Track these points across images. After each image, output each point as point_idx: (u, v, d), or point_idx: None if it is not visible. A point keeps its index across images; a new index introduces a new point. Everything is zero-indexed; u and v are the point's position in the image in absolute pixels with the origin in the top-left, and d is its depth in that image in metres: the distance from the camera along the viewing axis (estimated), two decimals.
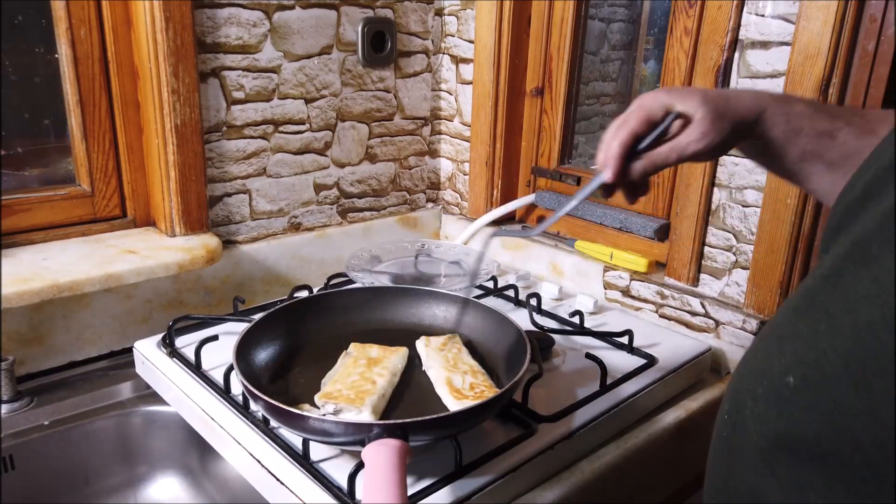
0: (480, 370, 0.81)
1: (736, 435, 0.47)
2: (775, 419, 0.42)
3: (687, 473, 0.98)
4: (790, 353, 0.43)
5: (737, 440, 0.46)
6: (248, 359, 0.80)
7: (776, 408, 0.43)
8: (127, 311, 1.06)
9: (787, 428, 0.41)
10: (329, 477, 0.70)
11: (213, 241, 1.08)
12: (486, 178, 1.33)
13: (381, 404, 0.75)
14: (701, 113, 0.65)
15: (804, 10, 0.86)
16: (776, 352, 0.45)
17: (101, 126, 1.05)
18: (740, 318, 0.99)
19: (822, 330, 0.40)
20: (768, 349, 0.46)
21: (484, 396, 0.74)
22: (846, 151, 0.64)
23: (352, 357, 0.81)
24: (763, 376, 0.45)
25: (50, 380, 1.01)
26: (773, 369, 0.44)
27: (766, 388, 0.44)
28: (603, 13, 1.29)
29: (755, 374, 0.46)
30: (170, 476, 1.01)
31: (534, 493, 0.75)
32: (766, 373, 0.45)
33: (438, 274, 1.21)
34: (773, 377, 0.44)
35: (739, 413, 0.46)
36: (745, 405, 0.46)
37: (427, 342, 0.87)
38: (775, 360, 0.44)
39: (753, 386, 0.45)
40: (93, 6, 1.00)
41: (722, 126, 0.64)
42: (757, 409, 0.44)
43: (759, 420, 0.44)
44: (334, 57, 1.21)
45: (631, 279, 1.12)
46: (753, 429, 0.44)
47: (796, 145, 0.65)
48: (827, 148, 0.65)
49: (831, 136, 0.64)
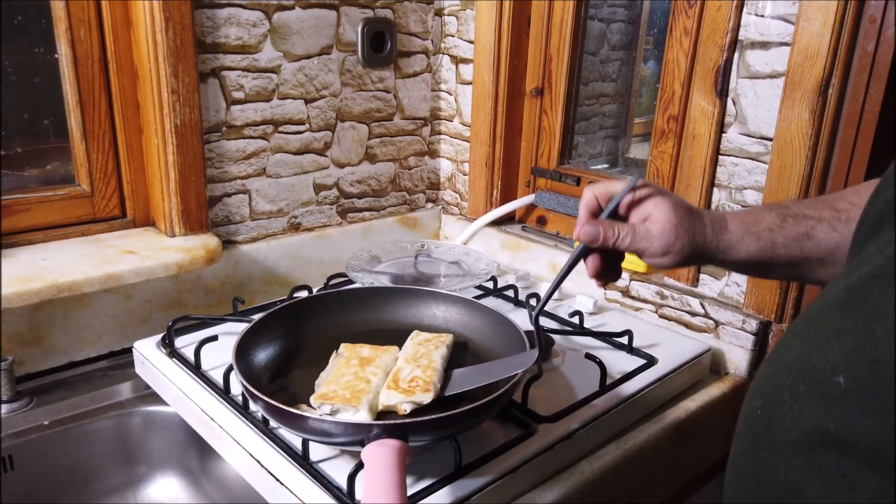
0: (437, 368, 0.78)
1: (771, 430, 0.46)
2: (822, 418, 0.42)
3: (687, 473, 0.98)
4: (836, 352, 0.42)
5: (772, 435, 0.46)
6: (247, 359, 0.80)
7: (823, 407, 0.42)
8: (126, 312, 1.06)
9: (836, 428, 0.41)
10: (329, 477, 0.70)
11: (213, 242, 1.08)
12: (486, 179, 1.33)
13: (378, 404, 0.75)
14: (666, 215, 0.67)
15: (804, 11, 0.86)
16: (818, 349, 0.44)
17: (100, 126, 1.05)
18: (740, 319, 0.99)
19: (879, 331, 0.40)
20: (807, 345, 0.46)
21: (411, 392, 0.73)
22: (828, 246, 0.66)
23: (343, 357, 0.81)
24: (805, 373, 0.44)
25: (49, 380, 1.01)
26: (816, 367, 0.43)
27: (810, 385, 0.43)
28: (603, 13, 1.29)
29: (794, 371, 0.45)
30: (169, 476, 1.01)
31: (534, 494, 0.75)
32: (809, 370, 0.44)
33: (438, 274, 1.21)
34: (816, 374, 0.43)
35: (776, 409, 0.46)
36: (782, 402, 0.45)
37: (416, 334, 0.87)
38: (818, 357, 0.44)
39: (793, 383, 0.45)
40: (93, 6, 1.00)
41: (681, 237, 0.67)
42: (798, 407, 0.44)
43: (801, 418, 0.43)
44: (334, 57, 1.21)
45: (631, 279, 1.12)
46: (793, 425, 0.44)
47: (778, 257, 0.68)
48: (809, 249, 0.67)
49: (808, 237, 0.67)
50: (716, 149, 0.99)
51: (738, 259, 0.68)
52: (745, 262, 0.68)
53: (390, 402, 0.73)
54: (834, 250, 0.66)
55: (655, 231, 0.67)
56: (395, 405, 0.73)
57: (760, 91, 0.94)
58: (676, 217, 0.67)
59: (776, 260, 0.68)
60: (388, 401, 0.74)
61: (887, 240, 0.44)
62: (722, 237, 0.67)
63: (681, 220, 0.67)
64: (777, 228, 0.67)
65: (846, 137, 0.88)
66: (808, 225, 0.66)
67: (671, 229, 0.66)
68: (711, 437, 0.97)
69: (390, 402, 0.73)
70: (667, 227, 0.66)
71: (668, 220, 0.66)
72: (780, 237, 0.67)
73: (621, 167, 1.24)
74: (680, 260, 0.68)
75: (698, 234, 0.67)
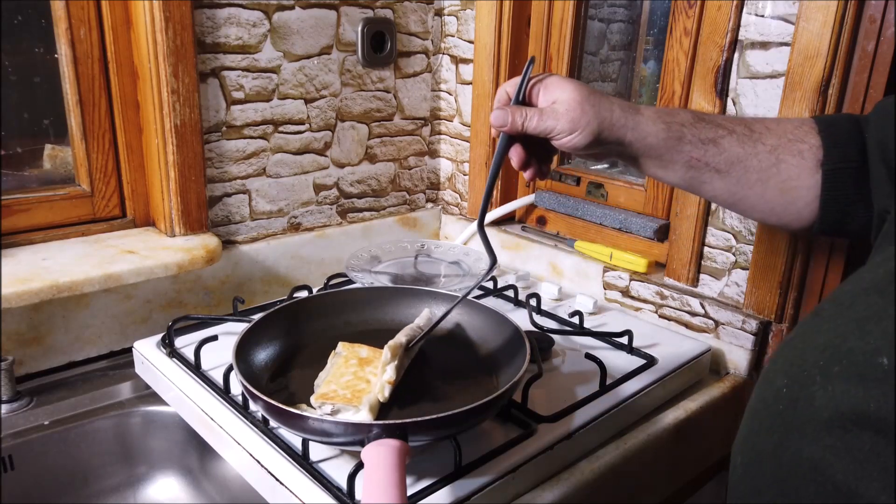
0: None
1: (797, 410, 0.46)
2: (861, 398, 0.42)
3: (687, 473, 0.98)
4: (878, 334, 0.43)
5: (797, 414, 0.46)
6: (247, 359, 0.80)
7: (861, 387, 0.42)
8: (126, 312, 1.06)
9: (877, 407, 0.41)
10: (329, 477, 0.70)
11: (213, 242, 1.08)
12: (486, 179, 1.33)
13: (378, 403, 0.75)
14: (571, 94, 0.69)
15: (804, 11, 0.86)
16: (855, 331, 0.44)
17: (100, 126, 1.05)
18: (740, 319, 0.99)
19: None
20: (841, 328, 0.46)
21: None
22: (731, 158, 0.69)
23: (342, 357, 0.81)
24: (839, 354, 0.45)
25: (49, 380, 1.01)
26: (854, 349, 0.44)
27: (846, 367, 0.44)
28: (603, 13, 1.29)
29: (826, 351, 0.46)
30: (169, 476, 1.01)
31: (533, 494, 0.75)
32: (845, 352, 0.44)
33: (438, 274, 1.22)
34: (854, 356, 0.43)
35: (804, 389, 0.46)
36: (811, 381, 0.46)
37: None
38: (856, 339, 0.44)
39: (826, 363, 0.45)
40: (92, 6, 1.00)
41: (586, 113, 0.69)
42: (832, 387, 0.44)
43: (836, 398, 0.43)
44: (334, 57, 1.21)
45: (630, 279, 1.12)
46: (824, 405, 0.44)
47: (680, 152, 0.70)
48: (712, 155, 0.69)
49: (715, 143, 0.69)
50: None
51: (646, 142, 0.70)
52: (652, 148, 0.70)
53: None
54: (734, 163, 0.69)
55: (561, 110, 0.69)
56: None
57: (760, 91, 0.94)
58: (581, 94, 0.69)
59: (679, 156, 0.70)
60: None
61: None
62: (631, 117, 0.70)
63: (585, 97, 0.69)
64: (689, 125, 0.69)
65: None
66: (719, 133, 0.69)
67: (576, 105, 0.69)
68: (711, 437, 0.97)
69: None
70: (572, 104, 0.69)
71: (573, 98, 0.69)
72: (689, 134, 0.69)
73: (621, 167, 1.24)
74: (590, 138, 0.70)
75: (605, 111, 0.69)
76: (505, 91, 0.75)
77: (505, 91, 0.75)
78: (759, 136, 0.69)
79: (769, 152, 0.68)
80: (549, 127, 0.70)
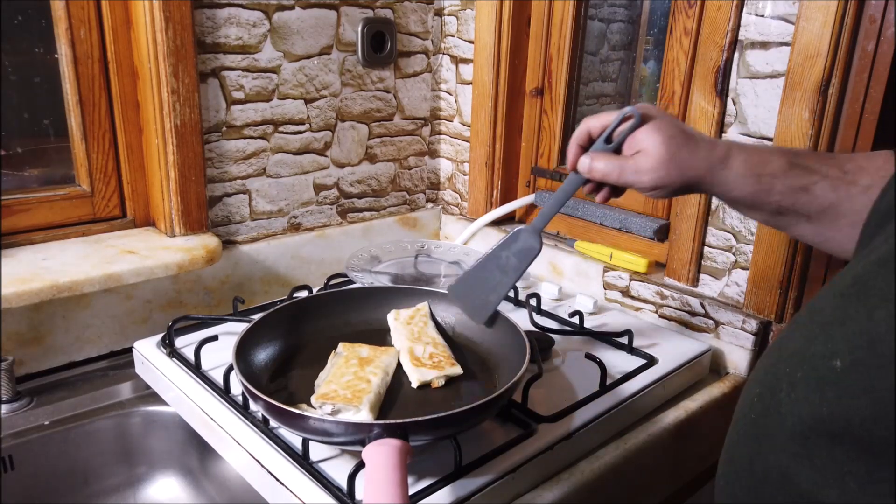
0: (442, 342, 0.85)
1: (767, 418, 0.46)
2: (817, 403, 0.42)
3: (687, 473, 0.98)
4: (839, 338, 0.42)
5: (768, 423, 0.46)
6: (247, 359, 0.80)
7: (818, 392, 0.42)
8: (126, 312, 1.06)
9: (830, 412, 0.41)
10: (329, 477, 0.70)
11: (213, 242, 1.08)
12: (486, 179, 1.33)
13: (378, 403, 0.75)
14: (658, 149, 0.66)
15: (804, 11, 0.86)
16: (821, 336, 0.44)
17: (100, 126, 1.05)
18: (740, 319, 0.99)
19: (880, 314, 0.40)
20: (810, 334, 0.46)
21: (441, 367, 0.80)
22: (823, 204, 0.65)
23: (342, 357, 0.81)
24: (803, 361, 0.44)
25: (50, 380, 1.01)
26: (816, 354, 0.43)
27: (807, 371, 0.43)
28: (603, 13, 1.29)
29: (794, 359, 0.46)
30: (169, 476, 1.01)
31: (534, 494, 0.75)
32: (808, 357, 0.44)
33: (438, 274, 1.21)
34: (815, 361, 0.43)
35: (773, 397, 0.46)
36: (779, 389, 0.45)
37: (396, 315, 0.91)
38: (819, 344, 0.44)
39: (791, 370, 0.45)
40: (93, 6, 1.00)
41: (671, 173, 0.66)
42: (794, 394, 0.44)
43: (797, 404, 0.43)
44: (334, 57, 1.21)
45: (631, 279, 1.12)
46: (788, 412, 0.44)
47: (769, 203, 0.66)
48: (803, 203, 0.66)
49: (806, 190, 0.65)
50: None
51: (729, 196, 0.68)
52: (736, 200, 0.68)
53: (427, 377, 0.79)
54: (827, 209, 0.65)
55: (645, 167, 0.66)
56: (432, 380, 0.79)
57: (760, 91, 0.94)
58: (668, 152, 0.65)
59: (766, 206, 0.67)
60: (425, 377, 0.79)
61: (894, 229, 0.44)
62: (718, 174, 0.66)
63: (672, 155, 0.65)
64: (780, 175, 0.65)
65: (846, 137, 0.88)
66: (812, 179, 0.65)
67: (661, 165, 0.66)
68: (711, 437, 0.97)
69: (428, 378, 0.79)
70: (657, 162, 0.66)
71: (660, 155, 0.66)
72: (780, 184, 0.65)
73: None
74: (670, 194, 0.68)
75: (691, 170, 0.66)
76: (587, 127, 0.71)
77: (587, 127, 0.71)
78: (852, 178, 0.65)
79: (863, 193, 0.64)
80: (629, 182, 0.68)
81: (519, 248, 0.79)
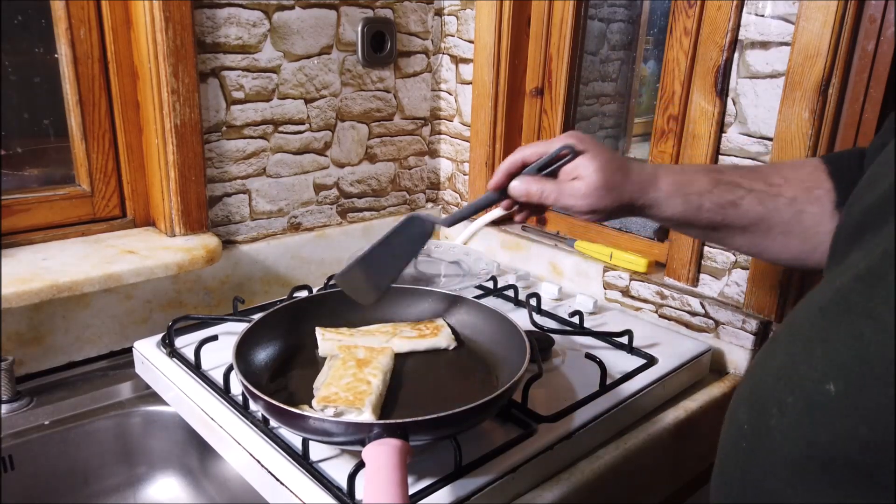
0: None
1: (759, 446, 0.45)
2: (809, 429, 0.41)
3: (687, 473, 0.98)
4: (822, 358, 0.41)
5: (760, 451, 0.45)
6: (247, 359, 0.80)
7: (809, 417, 0.41)
8: (126, 311, 1.06)
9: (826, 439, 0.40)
10: (329, 477, 0.70)
11: (213, 242, 1.08)
12: (486, 179, 1.33)
13: (380, 404, 0.75)
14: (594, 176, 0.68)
15: (804, 11, 0.86)
16: (804, 356, 0.43)
17: (100, 126, 1.05)
18: (740, 319, 0.99)
19: (867, 333, 0.39)
20: (792, 353, 0.45)
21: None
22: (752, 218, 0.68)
23: (339, 359, 0.81)
24: (793, 384, 0.43)
25: (49, 380, 1.01)
26: (805, 376, 0.42)
27: (798, 396, 0.42)
28: (603, 13, 1.29)
29: (781, 382, 0.45)
30: (169, 476, 1.01)
31: (534, 494, 0.75)
32: (796, 380, 0.43)
33: (438, 274, 1.21)
34: (805, 384, 0.42)
35: (763, 423, 0.45)
36: (769, 414, 0.44)
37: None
38: (804, 365, 0.43)
39: (780, 394, 0.44)
40: (93, 6, 1.00)
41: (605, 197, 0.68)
42: (786, 420, 0.43)
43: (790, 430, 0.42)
44: (334, 57, 1.21)
45: (631, 279, 1.12)
46: (782, 439, 0.43)
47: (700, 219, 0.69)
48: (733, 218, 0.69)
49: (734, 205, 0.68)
50: (716, 149, 0.99)
51: (662, 216, 0.70)
52: (669, 219, 0.71)
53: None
54: (757, 222, 0.68)
55: (581, 192, 0.69)
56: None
57: (760, 91, 0.94)
58: (603, 178, 0.68)
59: (698, 222, 0.70)
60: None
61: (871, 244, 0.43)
62: (648, 195, 0.69)
63: (607, 180, 0.68)
64: (706, 193, 0.69)
65: (846, 137, 0.88)
66: (738, 194, 0.68)
67: (595, 191, 0.68)
68: (711, 437, 0.97)
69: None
70: (591, 188, 0.68)
71: (595, 182, 0.68)
72: (708, 202, 0.68)
73: None
74: (604, 217, 0.71)
75: (626, 194, 0.69)
76: (521, 155, 0.74)
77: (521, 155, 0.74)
78: (777, 190, 0.68)
79: (788, 205, 0.67)
80: (566, 205, 0.70)
81: (412, 233, 0.80)
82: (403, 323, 0.93)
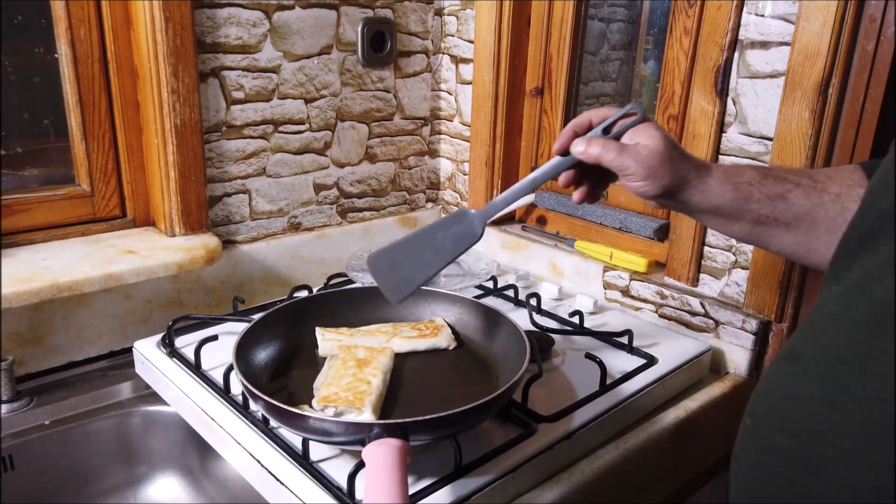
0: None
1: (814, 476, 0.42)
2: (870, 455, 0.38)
3: (687, 474, 0.98)
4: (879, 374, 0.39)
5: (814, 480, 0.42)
6: (247, 359, 0.80)
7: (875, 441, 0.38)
8: (127, 311, 1.06)
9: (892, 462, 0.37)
10: (329, 477, 0.70)
11: (213, 241, 1.08)
12: (486, 179, 1.33)
13: (380, 405, 0.75)
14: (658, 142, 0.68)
15: (804, 11, 0.86)
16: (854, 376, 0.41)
17: (100, 126, 1.05)
18: (740, 318, 0.99)
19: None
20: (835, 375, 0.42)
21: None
22: (799, 211, 0.68)
23: (339, 359, 0.81)
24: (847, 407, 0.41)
25: (50, 380, 1.01)
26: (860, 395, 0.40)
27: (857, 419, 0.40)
28: (603, 13, 1.28)
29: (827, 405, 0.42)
30: (170, 476, 1.01)
31: (534, 493, 0.75)
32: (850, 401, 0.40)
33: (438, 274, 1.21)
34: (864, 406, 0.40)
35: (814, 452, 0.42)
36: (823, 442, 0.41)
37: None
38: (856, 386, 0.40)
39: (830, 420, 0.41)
40: (92, 6, 1.00)
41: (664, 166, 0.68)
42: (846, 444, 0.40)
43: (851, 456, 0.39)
44: (334, 57, 1.21)
45: (631, 279, 1.12)
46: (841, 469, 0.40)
47: (749, 210, 0.69)
48: (781, 210, 0.68)
49: (783, 198, 0.68)
50: (716, 148, 0.99)
51: (710, 204, 0.69)
52: (717, 209, 0.70)
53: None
54: (803, 216, 0.68)
55: (643, 153, 0.68)
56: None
57: (760, 91, 0.94)
58: (666, 148, 0.68)
59: (747, 213, 0.69)
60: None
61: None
62: (702, 177, 0.69)
63: (669, 151, 0.68)
64: (756, 183, 0.69)
65: (846, 137, 0.88)
66: (786, 187, 0.68)
67: (657, 155, 0.68)
68: (711, 437, 0.97)
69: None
70: (654, 153, 0.68)
71: (658, 148, 0.68)
72: (757, 192, 0.68)
73: None
74: (660, 191, 0.69)
75: (682, 170, 0.69)
76: (588, 118, 0.73)
77: (588, 118, 0.73)
78: (823, 186, 0.68)
79: (834, 201, 0.67)
80: (624, 165, 0.68)
81: (459, 231, 0.75)
82: (403, 323, 0.93)
